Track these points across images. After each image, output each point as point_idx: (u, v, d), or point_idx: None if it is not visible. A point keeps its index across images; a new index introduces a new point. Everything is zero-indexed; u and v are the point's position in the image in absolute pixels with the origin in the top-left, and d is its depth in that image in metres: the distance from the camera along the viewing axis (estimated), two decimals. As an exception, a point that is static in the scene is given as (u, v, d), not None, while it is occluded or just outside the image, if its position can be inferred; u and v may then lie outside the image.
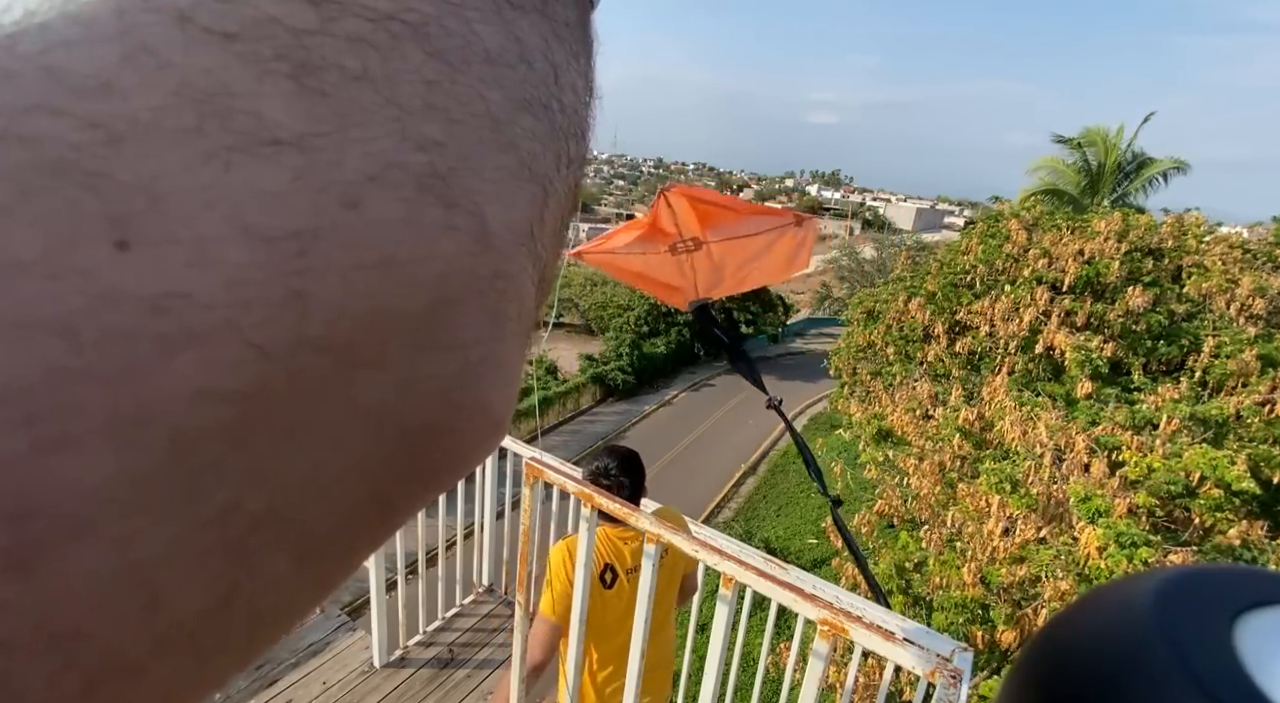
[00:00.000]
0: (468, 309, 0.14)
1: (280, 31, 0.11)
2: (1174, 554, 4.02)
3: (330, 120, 0.11)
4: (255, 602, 0.11)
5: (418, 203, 0.12)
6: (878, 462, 6.22)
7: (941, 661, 1.10)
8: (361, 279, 0.11)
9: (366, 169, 0.12)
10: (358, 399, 0.12)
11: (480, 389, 0.15)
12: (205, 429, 0.09)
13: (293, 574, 0.12)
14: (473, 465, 0.17)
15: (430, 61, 0.13)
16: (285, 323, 0.10)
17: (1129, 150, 15.74)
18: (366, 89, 0.12)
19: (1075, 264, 6.78)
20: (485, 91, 0.14)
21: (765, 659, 2.43)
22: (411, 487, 0.14)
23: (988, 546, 4.56)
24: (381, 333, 0.12)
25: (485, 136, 0.14)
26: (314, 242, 0.11)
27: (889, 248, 30.25)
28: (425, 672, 2.68)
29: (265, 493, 0.11)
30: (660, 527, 1.43)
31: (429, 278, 0.13)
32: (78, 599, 0.08)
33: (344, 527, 0.13)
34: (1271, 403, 5.13)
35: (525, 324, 0.17)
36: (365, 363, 0.12)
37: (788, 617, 1.95)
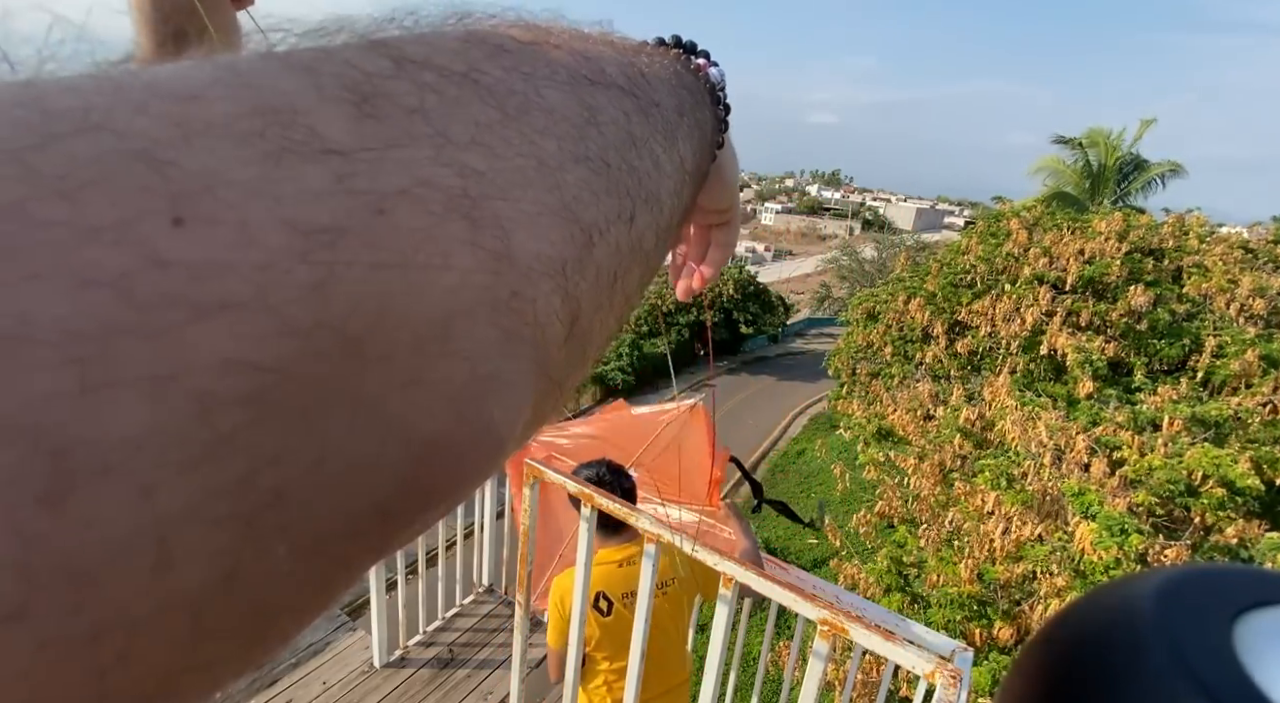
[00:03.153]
0: (479, 322, 0.15)
1: (354, 72, 0.13)
2: (1169, 549, 4.02)
3: (377, 140, 0.13)
4: (256, 590, 0.12)
5: (442, 217, 0.14)
6: (877, 462, 6.22)
7: (941, 661, 1.10)
8: (379, 277, 0.13)
9: (399, 183, 0.13)
10: (365, 391, 0.12)
11: (485, 404, 0.15)
12: (229, 396, 0.10)
13: (292, 567, 0.12)
14: (472, 485, 0.17)
15: (486, 109, 0.15)
16: (307, 304, 0.11)
17: (1129, 152, 15.76)
18: (418, 121, 0.14)
19: (1076, 264, 6.78)
20: (538, 139, 0.15)
21: (765, 659, 2.43)
22: (411, 499, 0.14)
23: (985, 544, 4.57)
24: (393, 329, 0.13)
25: (529, 175, 0.15)
26: (341, 237, 0.12)
27: (889, 248, 30.23)
28: (425, 672, 2.68)
29: (277, 473, 0.11)
30: (660, 527, 1.43)
31: (443, 286, 0.14)
32: (98, 542, 0.09)
33: (344, 527, 0.13)
34: (1272, 404, 5.14)
35: (544, 355, 0.17)
36: (375, 356, 0.13)
37: (788, 617, 1.96)
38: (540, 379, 0.17)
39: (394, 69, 0.14)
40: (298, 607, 0.13)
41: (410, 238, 0.13)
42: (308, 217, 0.12)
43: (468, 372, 0.14)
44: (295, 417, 0.11)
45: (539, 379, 0.17)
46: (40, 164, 0.09)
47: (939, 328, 7.65)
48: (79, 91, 0.10)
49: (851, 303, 10.71)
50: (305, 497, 0.12)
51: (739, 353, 25.33)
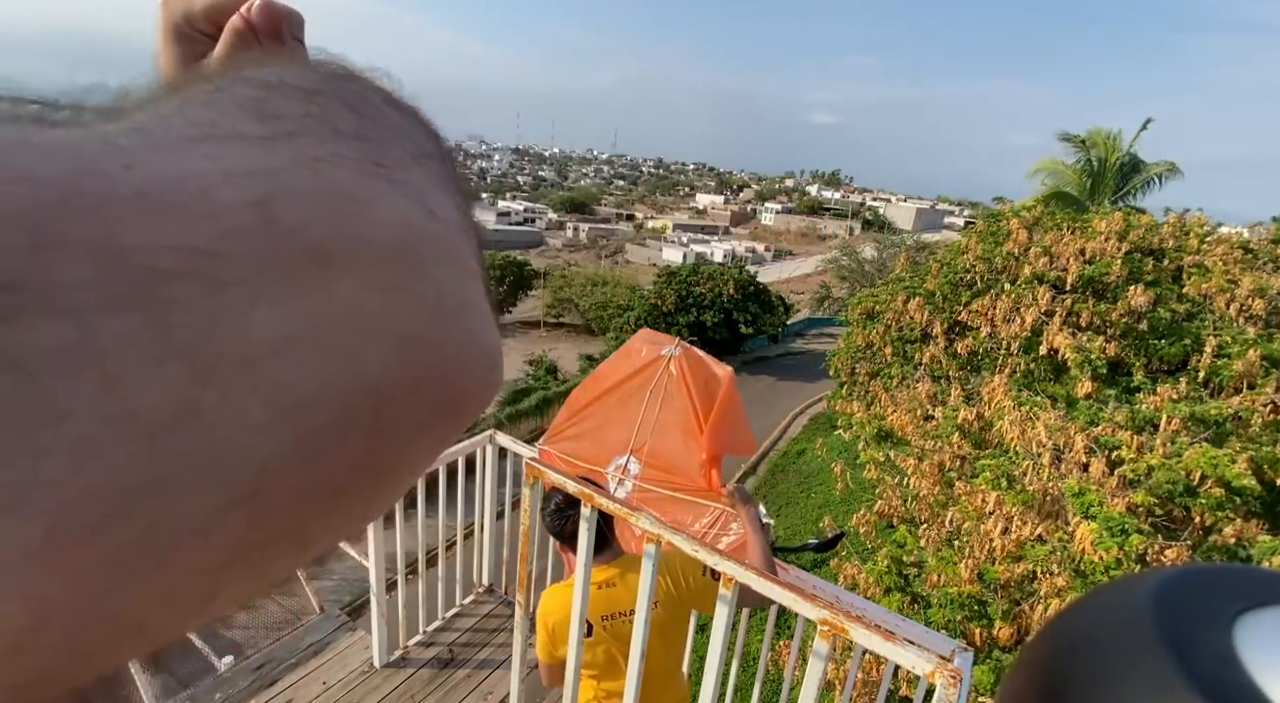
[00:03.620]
0: (430, 252, 0.17)
1: (247, 100, 0.17)
2: (1169, 550, 4.02)
3: (282, 130, 0.16)
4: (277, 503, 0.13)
5: (366, 175, 0.16)
6: (877, 462, 6.22)
7: (942, 661, 1.10)
8: (326, 208, 0.15)
9: (314, 152, 0.16)
10: (340, 294, 0.14)
11: (463, 320, 0.17)
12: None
13: (302, 474, 0.14)
14: (475, 402, 0.18)
15: (355, 114, 0.18)
16: (247, 213, 0.13)
17: (1129, 152, 15.76)
18: (312, 121, 0.17)
19: (1076, 264, 6.78)
20: (397, 137, 0.19)
21: (765, 659, 2.43)
22: (414, 413, 0.16)
23: (985, 544, 4.56)
24: (354, 248, 0.15)
25: (405, 160, 0.18)
26: (275, 177, 0.14)
27: (889, 248, 30.23)
28: (425, 672, 2.68)
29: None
30: (661, 527, 1.43)
31: (391, 220, 0.16)
32: (238, 430, 0.12)
33: (348, 442, 0.14)
34: (1275, 405, 5.13)
35: (486, 288, 0.19)
36: (341, 266, 0.14)
37: (788, 617, 1.95)
38: (494, 311, 0.20)
39: (271, 92, 0.17)
40: (317, 530, 0.15)
41: (344, 181, 0.15)
42: (249, 169, 0.14)
43: (436, 292, 0.16)
44: (280, 288, 0.13)
45: (493, 308, 0.19)
46: None
47: (938, 328, 7.65)
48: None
49: (851, 303, 10.70)
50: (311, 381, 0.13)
51: (739, 353, 25.32)
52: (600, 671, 1.79)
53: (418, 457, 0.17)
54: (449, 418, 0.17)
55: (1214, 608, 0.20)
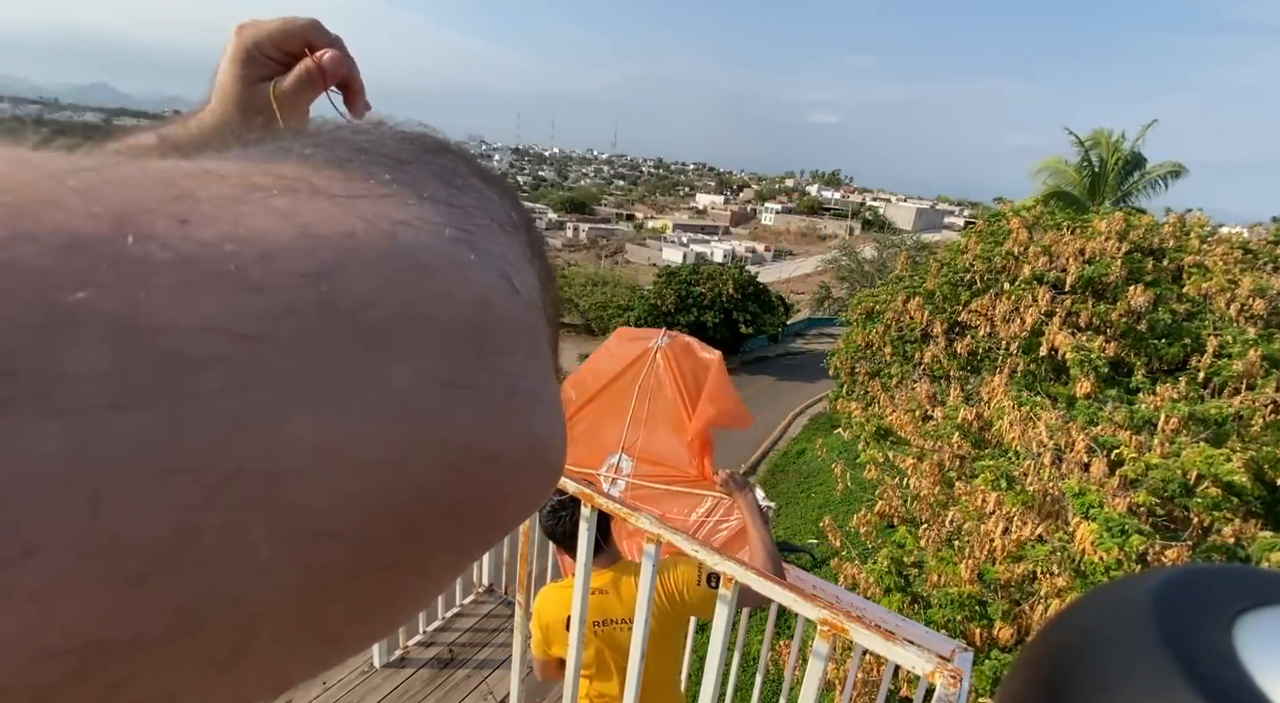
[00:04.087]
0: (509, 337, 0.15)
1: (338, 159, 0.15)
2: (1170, 550, 4.02)
3: (363, 190, 0.14)
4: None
5: (448, 240, 0.15)
6: (877, 462, 6.22)
7: (942, 661, 1.10)
8: (395, 281, 0.13)
9: (398, 215, 0.14)
10: (392, 387, 0.12)
11: (528, 419, 0.15)
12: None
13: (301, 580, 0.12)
14: (523, 510, 0.16)
15: (444, 184, 0.17)
16: (309, 294, 0.12)
17: (1130, 152, 15.78)
18: (401, 186, 0.15)
19: (1076, 264, 6.78)
20: (484, 206, 0.17)
21: (765, 659, 2.43)
22: (447, 536, 0.14)
23: (985, 544, 4.56)
24: (419, 330, 0.13)
25: (494, 229, 0.17)
26: (348, 241, 0.13)
27: (889, 248, 30.24)
28: (425, 672, 2.68)
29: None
30: (661, 527, 1.43)
31: (468, 295, 0.14)
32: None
33: (361, 580, 0.12)
34: (1276, 405, 5.13)
35: (557, 374, 0.17)
36: (400, 352, 0.12)
37: (788, 617, 1.95)
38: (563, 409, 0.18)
39: (361, 155, 0.16)
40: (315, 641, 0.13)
41: (423, 248, 0.14)
42: (320, 231, 0.13)
43: (506, 385, 0.14)
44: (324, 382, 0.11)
45: (563, 405, 0.17)
46: None
47: (938, 328, 7.65)
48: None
49: (851, 303, 10.70)
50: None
51: (739, 353, 25.32)
52: (593, 671, 1.78)
53: (435, 584, 0.15)
54: (485, 538, 0.15)
55: (1214, 608, 0.20)
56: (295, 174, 0.14)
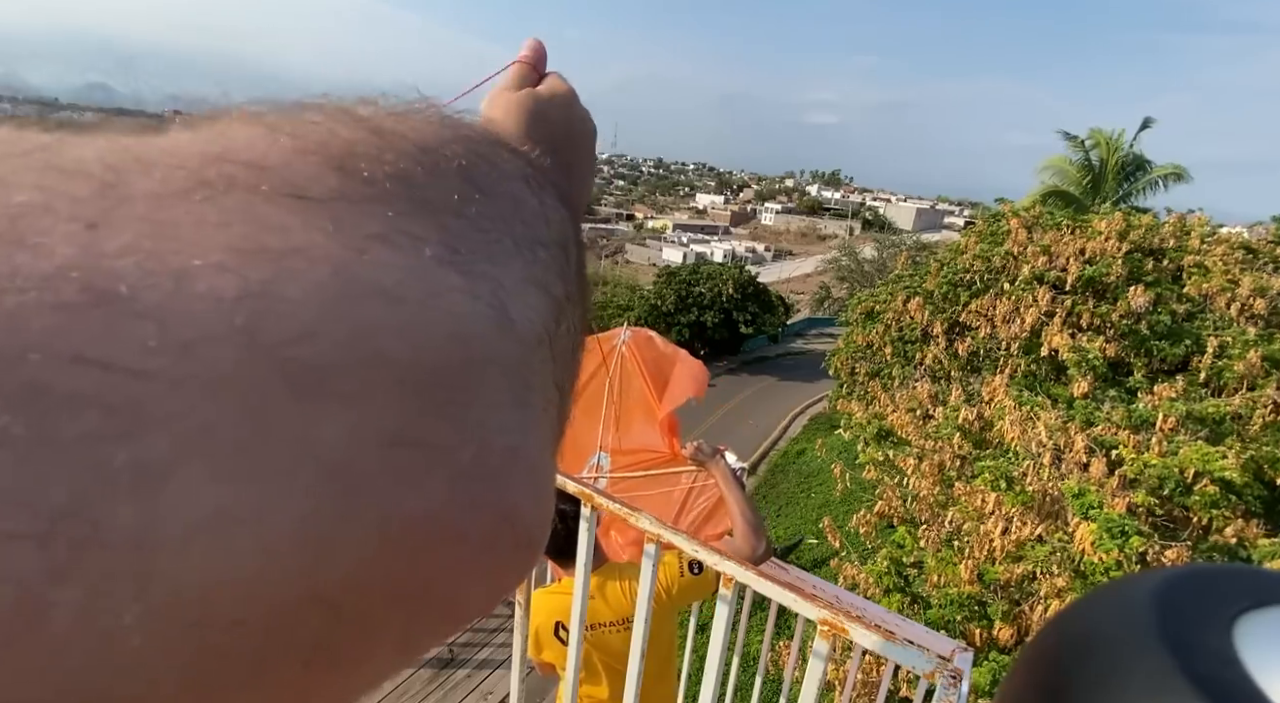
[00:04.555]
0: (488, 382, 0.12)
1: (336, 141, 0.13)
2: (1170, 550, 4.02)
3: (352, 193, 0.12)
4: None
5: (432, 263, 0.12)
6: (877, 462, 6.22)
7: (942, 661, 1.10)
8: (347, 309, 0.11)
9: (374, 227, 0.12)
10: (318, 442, 0.10)
11: (502, 487, 0.12)
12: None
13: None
14: (492, 594, 0.13)
15: (465, 185, 0.14)
16: (222, 324, 0.10)
17: (1130, 153, 15.77)
18: (399, 184, 0.13)
19: (1077, 264, 6.78)
20: (511, 218, 0.15)
21: (765, 659, 2.43)
22: (390, 628, 0.11)
23: (985, 544, 4.57)
24: (362, 372, 0.10)
25: (506, 245, 0.14)
26: (291, 258, 0.11)
27: (889, 248, 30.25)
28: (425, 672, 2.68)
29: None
30: (661, 527, 1.43)
31: (439, 330, 0.12)
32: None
33: (272, 673, 0.10)
34: (1275, 404, 5.13)
35: (557, 434, 0.15)
36: (333, 399, 0.10)
37: (788, 617, 1.95)
38: (556, 465, 0.15)
39: (374, 140, 0.14)
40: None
41: (391, 271, 0.11)
42: (260, 236, 0.11)
43: (478, 442, 0.12)
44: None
45: (555, 462, 0.15)
46: None
47: (938, 328, 7.66)
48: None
49: (851, 303, 10.71)
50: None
51: (739, 353, 25.31)
52: (583, 674, 1.78)
53: (376, 676, 0.12)
54: (441, 629, 0.13)
55: (1214, 608, 0.20)
56: (262, 162, 0.11)
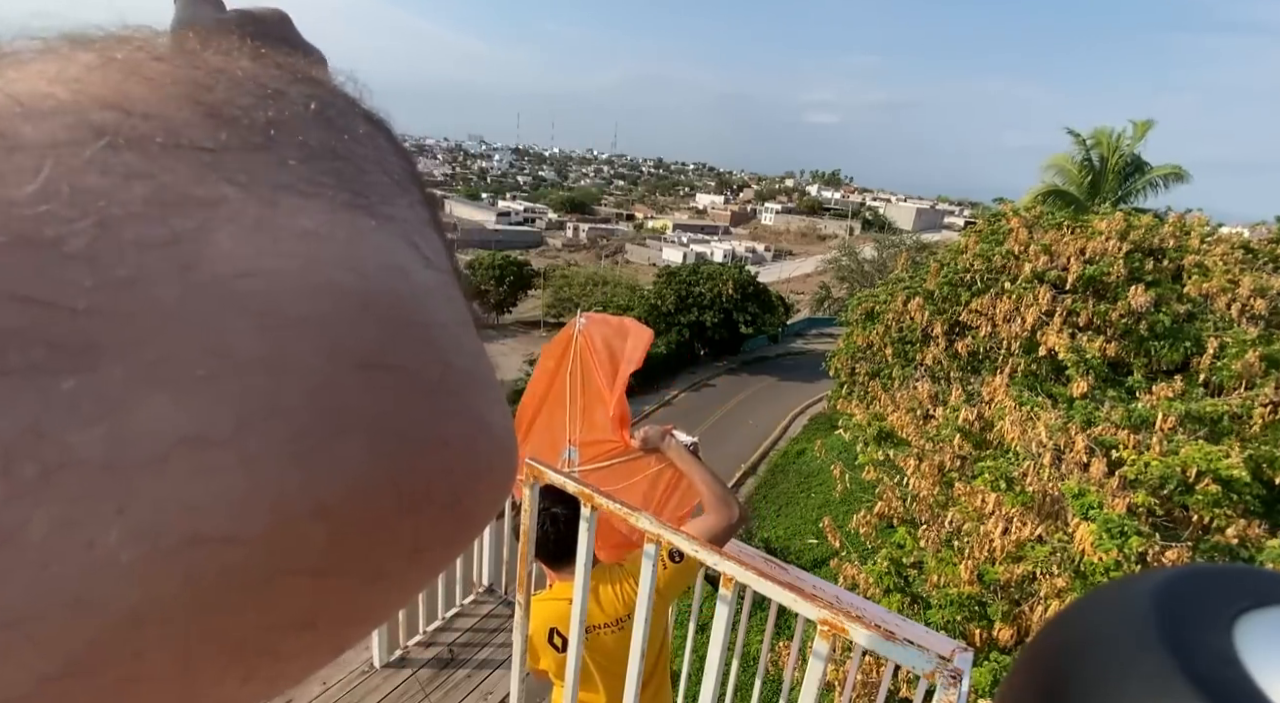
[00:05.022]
0: (434, 308, 0.13)
1: (194, 83, 0.13)
2: (1170, 550, 4.02)
3: (238, 142, 0.12)
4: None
5: (339, 209, 0.12)
6: (877, 462, 6.22)
7: (942, 661, 1.10)
8: (283, 247, 0.11)
9: (277, 176, 0.12)
10: (290, 368, 0.10)
11: (471, 399, 0.13)
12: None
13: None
14: (488, 499, 0.14)
15: (328, 127, 0.14)
16: (163, 262, 0.10)
17: (1130, 152, 15.78)
18: (279, 130, 0.13)
19: (1077, 263, 6.78)
20: (378, 156, 0.15)
21: (765, 659, 2.43)
22: (396, 538, 0.12)
23: (985, 544, 4.57)
24: (319, 303, 0.11)
25: (389, 186, 0.14)
26: (218, 209, 0.11)
27: (889, 248, 30.26)
28: (425, 672, 2.68)
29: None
30: (661, 527, 1.43)
31: (377, 262, 0.12)
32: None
33: (279, 589, 0.10)
34: (1274, 404, 5.13)
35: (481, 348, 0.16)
36: (296, 329, 0.10)
37: (788, 617, 1.95)
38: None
39: (225, 81, 0.13)
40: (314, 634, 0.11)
41: (311, 216, 0.12)
42: (177, 187, 0.11)
43: (440, 363, 0.12)
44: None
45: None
46: None
47: (938, 328, 7.66)
48: None
49: (851, 303, 10.72)
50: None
51: (739, 353, 25.32)
52: (581, 680, 1.78)
53: (397, 591, 0.13)
54: (449, 535, 0.13)
55: (1214, 608, 0.20)
56: (144, 108, 0.11)
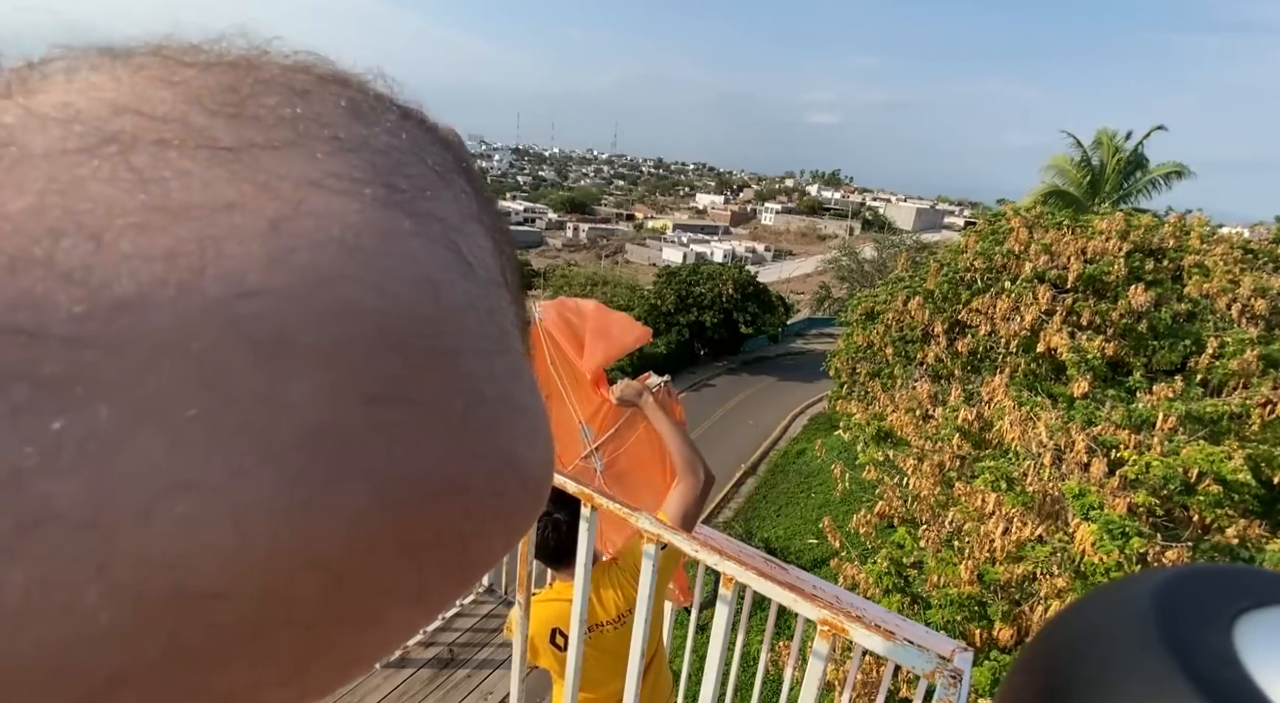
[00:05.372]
0: (468, 329, 0.12)
1: (221, 84, 0.12)
2: (1170, 551, 4.02)
3: (263, 140, 0.11)
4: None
5: (371, 206, 0.11)
6: (877, 462, 6.22)
7: (942, 661, 1.10)
8: (298, 261, 0.10)
9: (304, 172, 0.11)
10: (289, 405, 0.09)
11: (499, 435, 0.12)
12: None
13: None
14: (502, 543, 0.13)
15: (360, 120, 0.13)
16: (160, 286, 0.10)
17: (1132, 152, 15.80)
18: (309, 124, 0.12)
19: (1077, 263, 6.78)
20: (416, 148, 0.14)
21: (765, 659, 2.43)
22: (397, 585, 0.11)
23: (985, 544, 4.57)
24: (332, 328, 0.10)
25: (432, 178, 0.13)
26: (227, 215, 0.10)
27: (889, 248, 30.26)
28: (425, 672, 2.68)
29: None
30: (661, 527, 1.43)
31: (406, 276, 0.11)
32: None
33: (267, 640, 0.10)
34: (1273, 403, 5.13)
35: (534, 375, 0.14)
36: (302, 359, 0.10)
37: (788, 617, 1.94)
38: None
39: (248, 79, 0.12)
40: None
41: (343, 219, 0.11)
42: (183, 192, 0.10)
43: (470, 392, 0.11)
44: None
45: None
46: None
47: (939, 327, 7.66)
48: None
49: (851, 303, 10.72)
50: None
51: (739, 353, 25.32)
52: (583, 681, 1.79)
53: (395, 634, 0.12)
54: (454, 582, 0.12)
55: (1214, 608, 0.20)
56: (164, 112, 0.11)
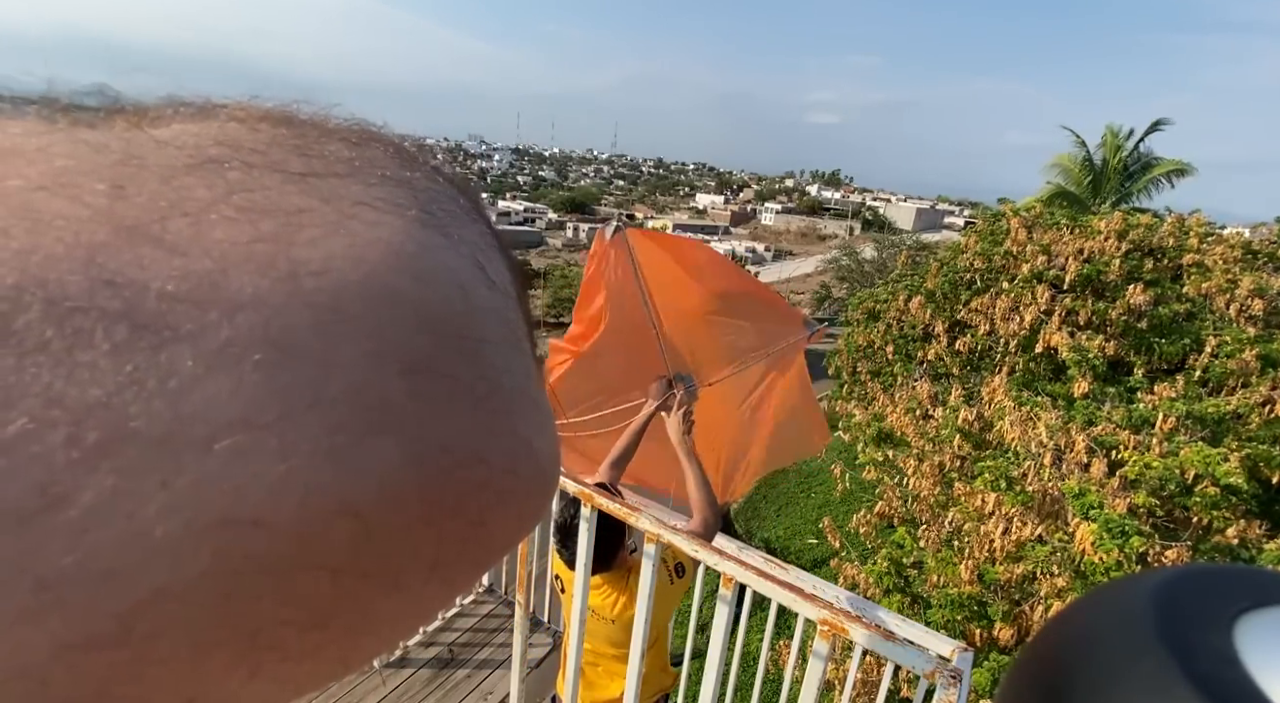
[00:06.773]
0: (491, 327, 0.13)
1: (288, 136, 0.14)
2: (1170, 551, 4.01)
3: (326, 170, 0.13)
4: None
5: (412, 224, 0.13)
6: (877, 462, 6.22)
7: (942, 661, 1.10)
8: (355, 252, 0.12)
9: (359, 195, 0.13)
10: (339, 366, 0.11)
11: (517, 420, 0.13)
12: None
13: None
14: (517, 526, 0.14)
15: (405, 165, 0.15)
16: (244, 260, 0.11)
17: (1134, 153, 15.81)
18: (363, 162, 0.14)
19: (1076, 263, 6.78)
20: (450, 193, 0.16)
21: (765, 659, 2.43)
22: (421, 548, 0.12)
23: (985, 544, 4.57)
24: (379, 308, 0.12)
25: (461, 215, 0.15)
26: (300, 215, 0.12)
27: (889, 248, 30.25)
28: (425, 672, 2.68)
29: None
30: (661, 527, 1.43)
31: (443, 277, 0.13)
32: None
33: (300, 583, 0.11)
34: (1271, 402, 5.13)
35: (542, 378, 0.16)
36: (355, 329, 0.11)
37: (788, 617, 1.95)
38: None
39: (313, 131, 0.15)
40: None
41: (389, 229, 0.13)
42: (264, 197, 0.12)
43: (490, 382, 0.13)
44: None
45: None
46: None
47: (940, 326, 7.66)
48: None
49: (851, 303, 10.72)
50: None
51: (739, 353, 25.27)
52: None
53: (411, 605, 0.13)
54: (471, 556, 0.13)
55: (1214, 608, 0.20)
56: (252, 145, 0.13)
